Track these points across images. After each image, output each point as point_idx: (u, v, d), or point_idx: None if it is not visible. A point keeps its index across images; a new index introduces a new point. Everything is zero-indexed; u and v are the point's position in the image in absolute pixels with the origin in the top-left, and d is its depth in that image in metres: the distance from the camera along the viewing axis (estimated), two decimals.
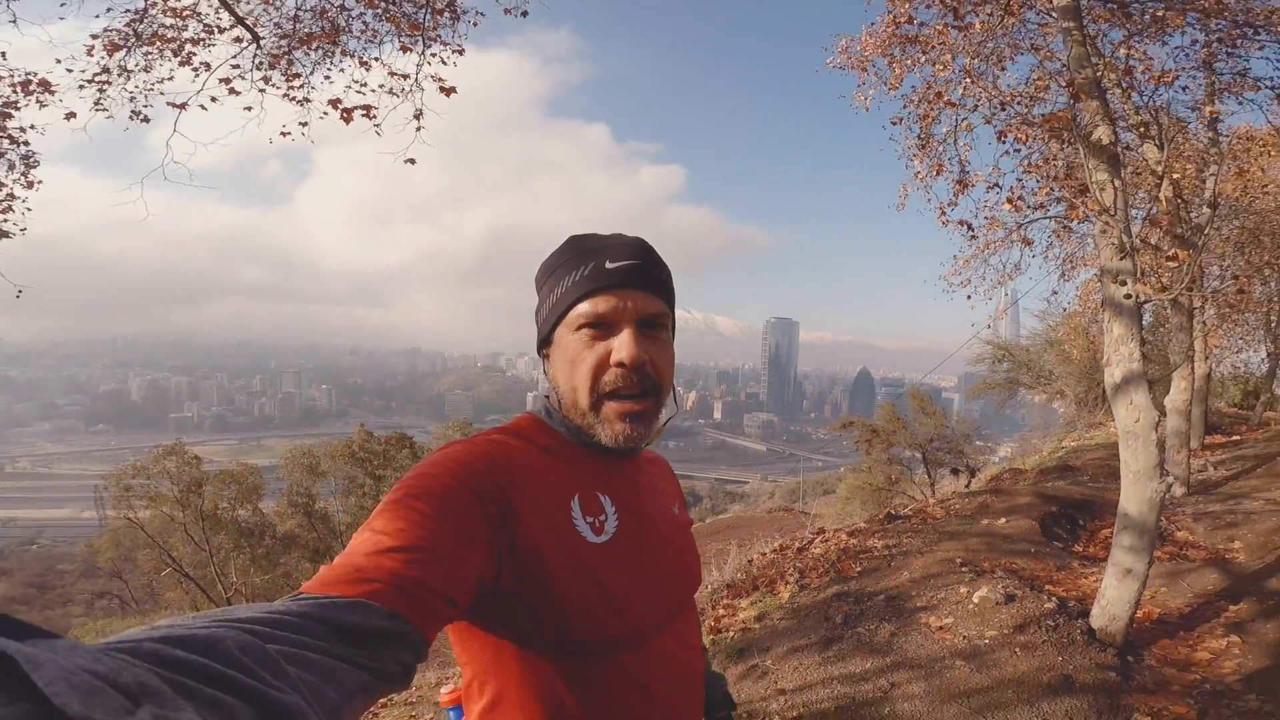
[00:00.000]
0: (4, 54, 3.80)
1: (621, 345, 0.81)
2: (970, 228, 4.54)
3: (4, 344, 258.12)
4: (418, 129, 4.38)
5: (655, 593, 0.86)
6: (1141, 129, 4.63)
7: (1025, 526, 5.56)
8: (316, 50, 4.28)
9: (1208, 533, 4.74)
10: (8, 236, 4.01)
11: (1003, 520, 5.84)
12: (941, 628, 3.44)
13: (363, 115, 4.32)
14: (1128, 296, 3.00)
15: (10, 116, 3.91)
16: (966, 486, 11.93)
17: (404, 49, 4.34)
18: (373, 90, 4.37)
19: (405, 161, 4.45)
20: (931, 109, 4.22)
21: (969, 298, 6.31)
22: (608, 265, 0.82)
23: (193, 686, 0.34)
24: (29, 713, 0.26)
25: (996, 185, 4.00)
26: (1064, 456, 10.38)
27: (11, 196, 4.03)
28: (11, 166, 3.99)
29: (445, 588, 0.62)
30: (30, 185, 4.10)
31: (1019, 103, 3.91)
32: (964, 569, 4.32)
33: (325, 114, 4.34)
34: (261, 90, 4.23)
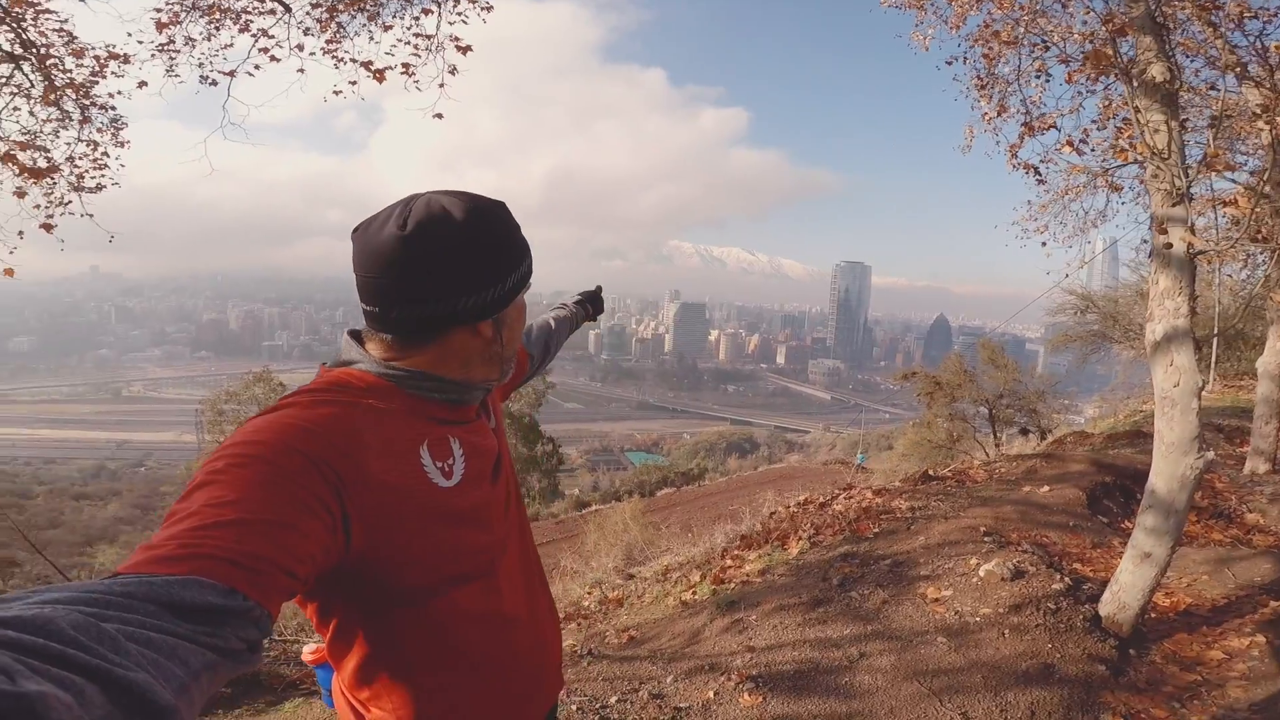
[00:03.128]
0: (72, 32, 4.23)
1: None
2: (1037, 172, 4.21)
3: (124, 279, 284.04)
4: (441, 85, 4.59)
5: (502, 518, 0.92)
6: (1239, 69, 4.01)
7: (1070, 497, 5.15)
8: (360, 13, 4.52)
9: None
10: (103, 189, 4.54)
11: (1046, 488, 5.43)
12: (937, 600, 3.21)
13: (402, 73, 4.55)
14: (1168, 246, 2.60)
15: (96, 85, 4.39)
16: (1034, 449, 11.25)
17: (425, 12, 4.53)
18: (406, 45, 4.60)
19: (433, 116, 4.69)
20: (991, 48, 3.88)
21: (1044, 244, 5.85)
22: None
23: (36, 665, 0.33)
24: None
25: (1054, 127, 3.61)
26: (1140, 421, 9.55)
27: (105, 155, 4.51)
28: (102, 129, 4.50)
29: (285, 560, 0.58)
30: (121, 145, 4.59)
31: (1091, 41, 3.49)
32: (987, 539, 4.03)
33: (366, 76, 4.59)
34: (299, 57, 4.52)
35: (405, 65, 4.56)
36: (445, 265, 0.78)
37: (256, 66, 4.47)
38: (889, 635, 2.81)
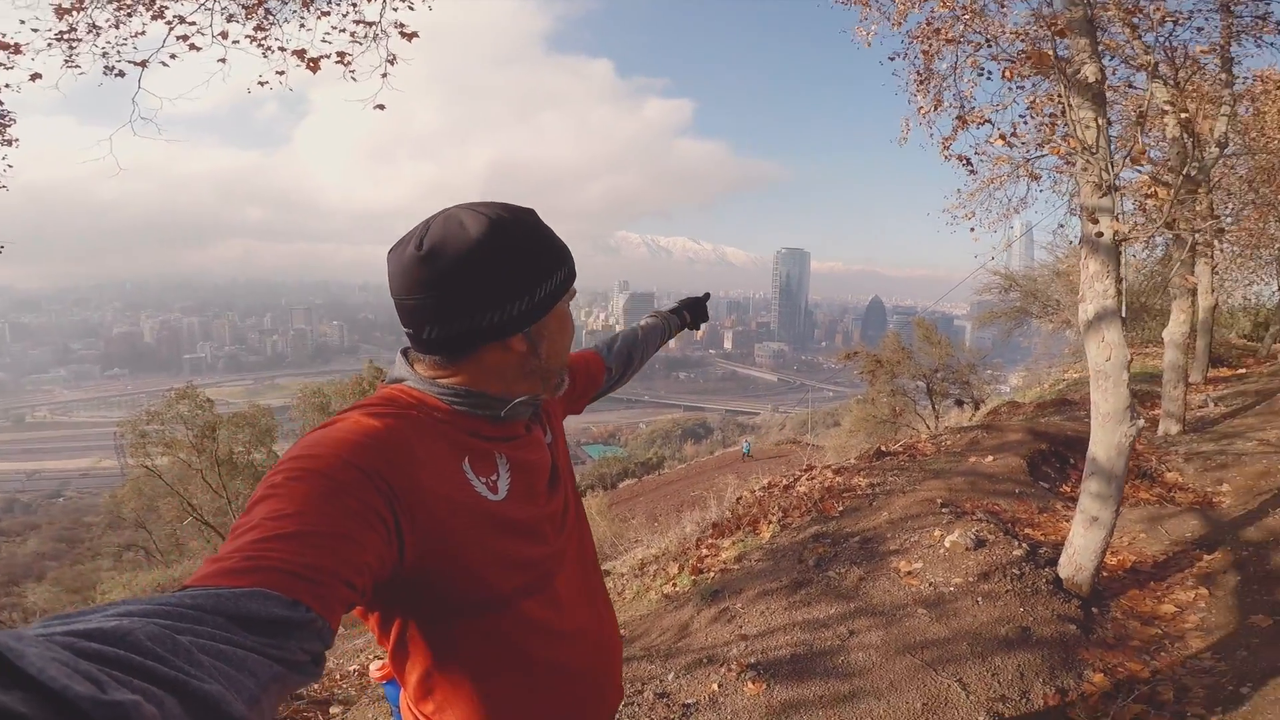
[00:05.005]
0: None
1: None
2: (969, 163, 4.48)
3: (13, 291, 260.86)
4: (383, 75, 4.41)
5: (558, 532, 0.93)
6: (1150, 68, 4.39)
7: (1012, 465, 5.49)
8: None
9: (1197, 474, 4.63)
10: None
11: (990, 458, 5.77)
12: (910, 573, 3.41)
13: (337, 62, 4.36)
14: (1099, 235, 2.85)
15: None
16: (970, 419, 11.90)
17: None
18: (342, 33, 4.39)
19: (375, 107, 4.52)
20: (932, 45, 4.09)
21: (972, 229, 6.22)
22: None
23: (119, 676, 0.33)
24: (25, 699, 0.28)
25: (988, 122, 3.84)
26: (1064, 389, 10.24)
27: None
28: None
29: (344, 571, 0.59)
30: (9, 143, 4.27)
31: (1022, 40, 3.73)
32: (944, 510, 4.27)
33: (298, 65, 4.35)
34: (221, 45, 4.25)
35: (341, 54, 4.35)
36: (462, 283, 0.78)
37: (173, 55, 4.17)
38: (872, 611, 2.97)
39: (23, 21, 3.85)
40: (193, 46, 4.15)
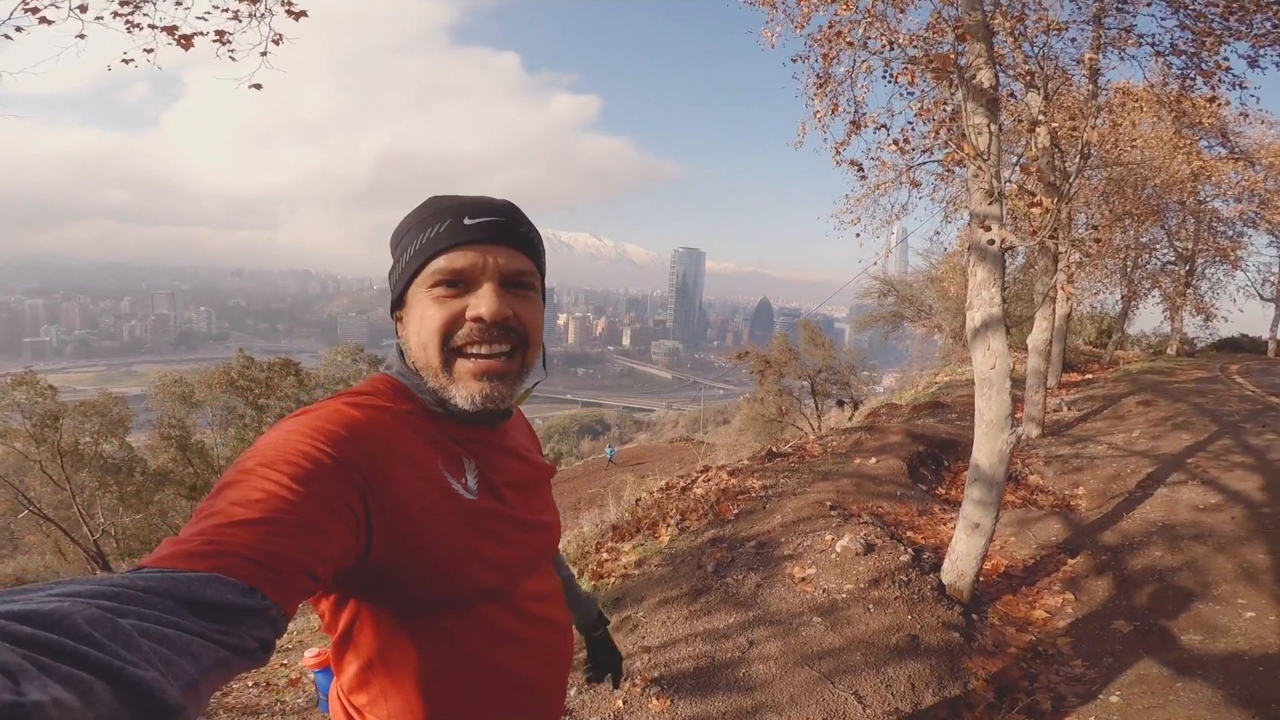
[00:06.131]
0: None
1: (480, 300, 0.78)
2: (860, 168, 4.60)
3: None
4: (263, 53, 4.19)
5: (519, 535, 0.89)
6: (1028, 77, 4.68)
7: (893, 467, 5.73)
8: None
9: (1056, 477, 5.02)
10: None
11: (873, 460, 6.00)
12: (804, 579, 3.41)
13: (215, 41, 4.15)
14: (990, 242, 2.93)
15: None
16: (850, 419, 12.53)
17: None
18: (224, 12, 4.17)
19: (250, 87, 4.33)
20: (832, 48, 4.13)
21: (858, 235, 6.47)
22: (466, 221, 0.80)
23: (46, 663, 0.33)
24: None
25: (884, 127, 3.94)
26: (937, 391, 11.00)
27: None
28: None
29: (306, 560, 0.58)
30: None
31: (915, 45, 3.83)
32: (833, 512, 4.35)
33: (169, 43, 4.11)
34: (79, 19, 3.88)
35: (220, 33, 4.11)
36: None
37: (19, 29, 3.81)
38: (770, 620, 2.93)
39: None
40: (44, 20, 3.80)
